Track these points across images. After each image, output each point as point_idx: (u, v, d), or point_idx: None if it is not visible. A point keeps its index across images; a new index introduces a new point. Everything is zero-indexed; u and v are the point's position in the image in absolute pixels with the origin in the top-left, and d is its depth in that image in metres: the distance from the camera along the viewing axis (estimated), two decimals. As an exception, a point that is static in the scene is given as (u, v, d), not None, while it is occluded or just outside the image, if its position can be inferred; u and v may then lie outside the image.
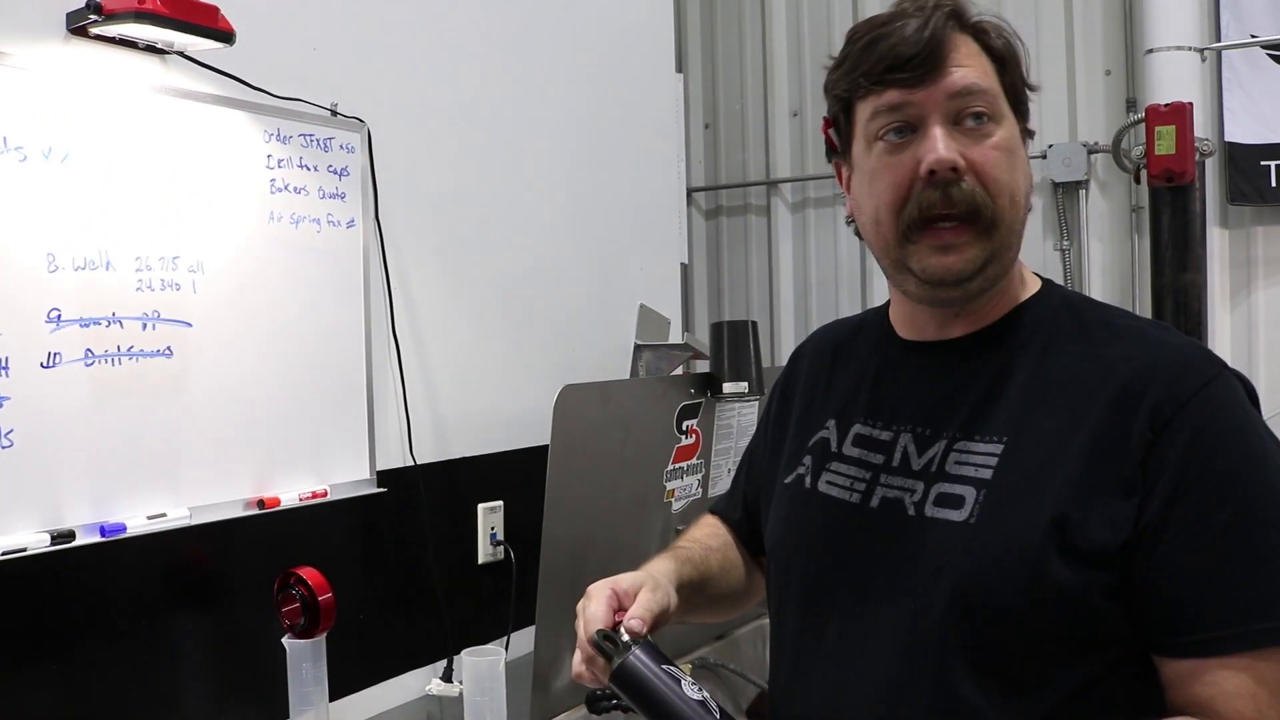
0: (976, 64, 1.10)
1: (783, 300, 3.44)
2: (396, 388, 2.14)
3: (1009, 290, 1.17)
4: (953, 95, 1.08)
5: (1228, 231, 2.87)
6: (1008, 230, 1.11)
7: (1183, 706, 1.03)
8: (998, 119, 1.10)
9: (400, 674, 2.17)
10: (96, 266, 1.65)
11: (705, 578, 1.37)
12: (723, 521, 1.51)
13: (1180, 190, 2.53)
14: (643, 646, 1.11)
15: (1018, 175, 1.11)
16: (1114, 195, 3.02)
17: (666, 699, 1.08)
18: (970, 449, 1.12)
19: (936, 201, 1.09)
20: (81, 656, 1.65)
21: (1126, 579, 1.03)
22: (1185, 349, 1.10)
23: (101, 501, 1.65)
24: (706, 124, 3.60)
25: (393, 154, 2.13)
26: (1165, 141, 2.47)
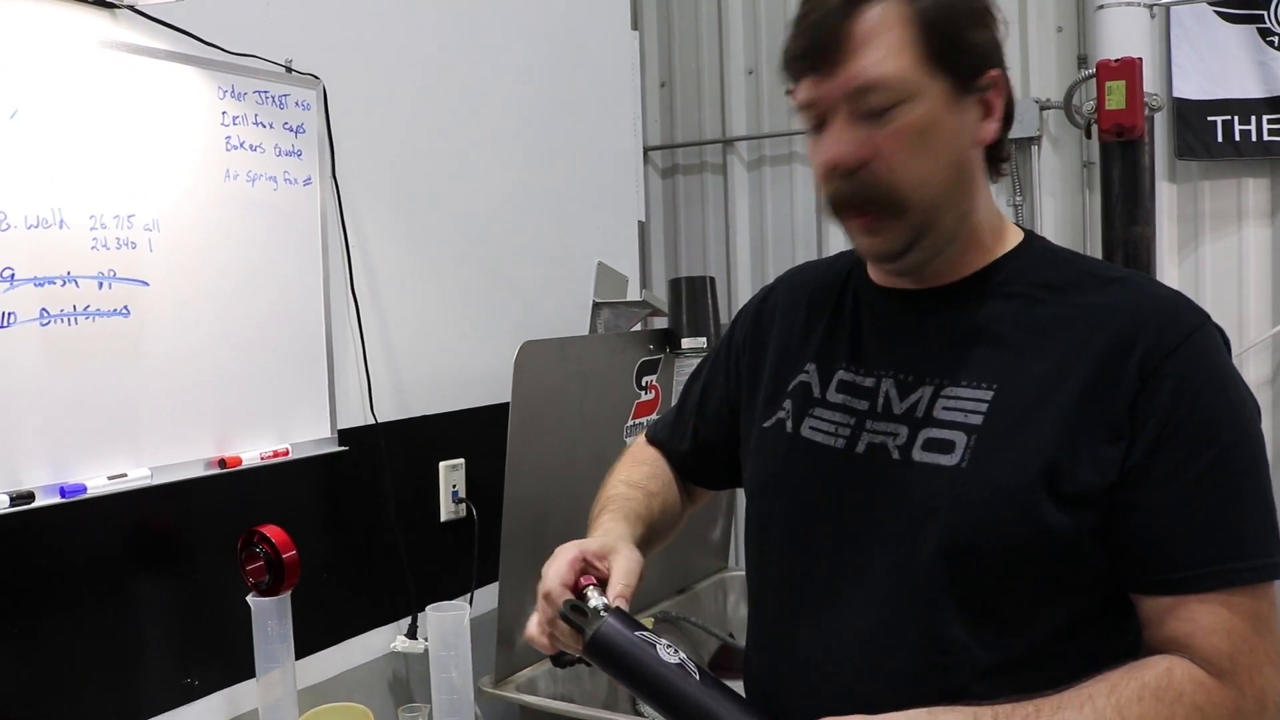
0: (885, 42, 1.07)
1: (739, 257, 3.45)
2: (356, 346, 2.13)
3: (977, 248, 1.18)
4: (849, 94, 1.09)
5: (1176, 186, 2.92)
6: (925, 209, 1.11)
7: (1160, 643, 1.07)
8: (907, 101, 1.08)
9: (365, 632, 2.17)
10: (50, 225, 1.62)
11: (651, 529, 1.38)
12: (663, 453, 1.51)
13: (1130, 145, 2.56)
14: (615, 615, 1.10)
15: (929, 154, 1.10)
16: (1065, 151, 3.05)
17: (645, 666, 1.07)
18: (958, 394, 1.14)
19: (841, 192, 1.12)
20: (43, 619, 1.64)
21: (1110, 519, 1.07)
22: (1172, 299, 1.13)
23: (61, 462, 1.64)
24: (662, 82, 3.59)
25: (349, 111, 2.11)
26: (1115, 96, 2.50)
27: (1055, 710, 1.01)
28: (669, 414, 1.54)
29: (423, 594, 2.21)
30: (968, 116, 1.11)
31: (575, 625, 1.11)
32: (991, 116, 1.13)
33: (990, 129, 1.13)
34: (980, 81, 1.11)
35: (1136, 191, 2.59)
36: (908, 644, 1.12)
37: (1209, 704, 1.02)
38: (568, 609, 1.11)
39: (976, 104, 1.11)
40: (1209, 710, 1.02)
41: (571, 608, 1.11)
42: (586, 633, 1.09)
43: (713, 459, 1.47)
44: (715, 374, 1.46)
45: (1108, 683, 1.02)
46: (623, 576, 1.17)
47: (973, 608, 1.10)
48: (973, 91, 1.11)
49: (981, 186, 1.17)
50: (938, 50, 1.08)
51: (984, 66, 1.11)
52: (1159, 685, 1.02)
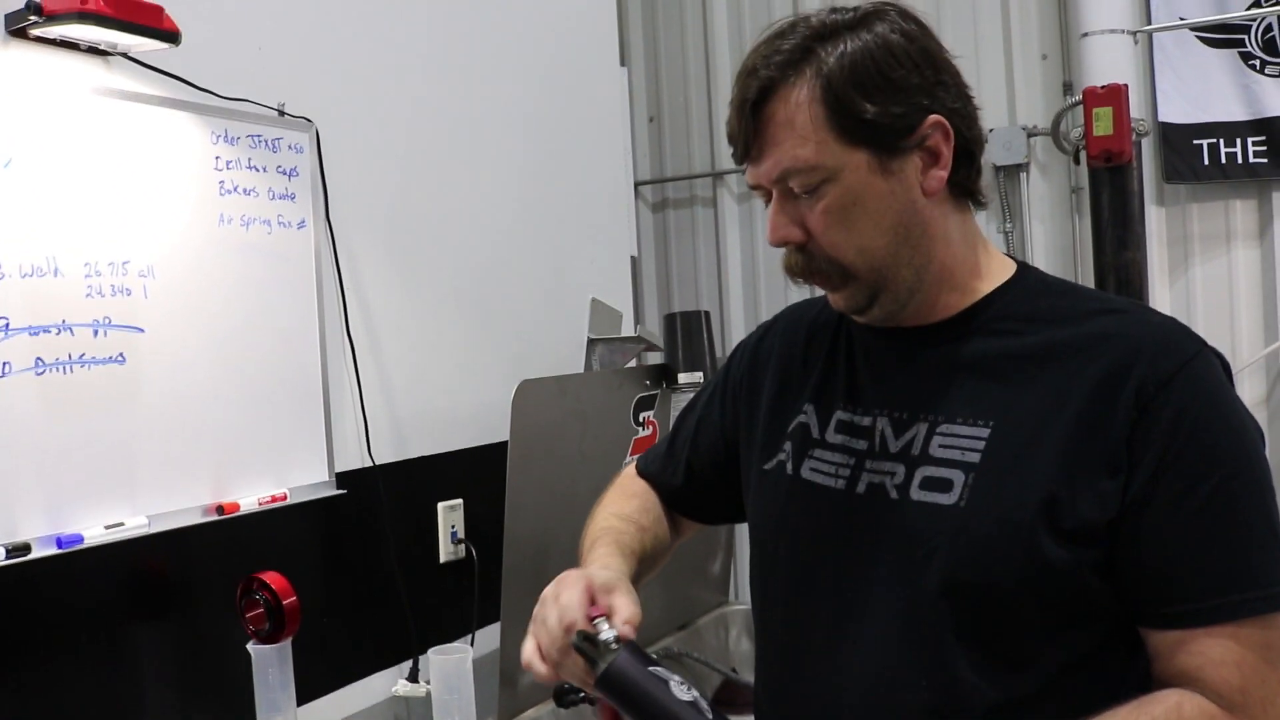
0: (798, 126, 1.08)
1: (731, 291, 3.45)
2: (353, 388, 2.12)
3: (953, 289, 1.17)
4: (774, 180, 1.11)
5: (1164, 209, 2.93)
6: (872, 272, 1.13)
7: (1170, 677, 1.05)
8: (830, 179, 1.09)
9: (366, 676, 2.15)
10: (44, 273, 1.61)
11: (642, 565, 1.36)
12: (653, 486, 1.48)
13: (1119, 170, 2.58)
14: (628, 649, 1.08)
15: (863, 223, 1.10)
16: (1054, 177, 3.07)
17: (658, 703, 1.05)
18: (954, 432, 1.13)
19: (793, 264, 1.16)
20: (43, 671, 1.62)
21: (1113, 553, 1.06)
22: (1166, 327, 1.12)
23: (57, 512, 1.62)
24: (651, 117, 3.61)
25: (341, 154, 2.11)
26: (1103, 123, 2.53)
27: None
28: (659, 446, 1.52)
29: (424, 636, 2.19)
30: (906, 174, 1.10)
31: (588, 657, 1.08)
32: (938, 164, 1.11)
33: (936, 177, 1.11)
34: (911, 139, 1.09)
35: (1126, 216, 2.61)
36: (914, 684, 1.11)
37: None
38: (580, 639, 1.08)
39: (915, 158, 1.10)
40: None
41: (584, 638, 1.08)
42: (599, 665, 1.07)
43: (705, 493, 1.45)
44: (710, 409, 1.44)
45: (1117, 719, 1.01)
46: (629, 608, 1.14)
47: (978, 646, 1.09)
48: (903, 151, 1.10)
49: (940, 232, 1.14)
50: (848, 125, 1.08)
51: (912, 123, 1.09)
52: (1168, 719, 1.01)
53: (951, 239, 1.15)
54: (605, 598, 1.16)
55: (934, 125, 1.10)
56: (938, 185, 1.12)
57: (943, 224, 1.14)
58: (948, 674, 1.09)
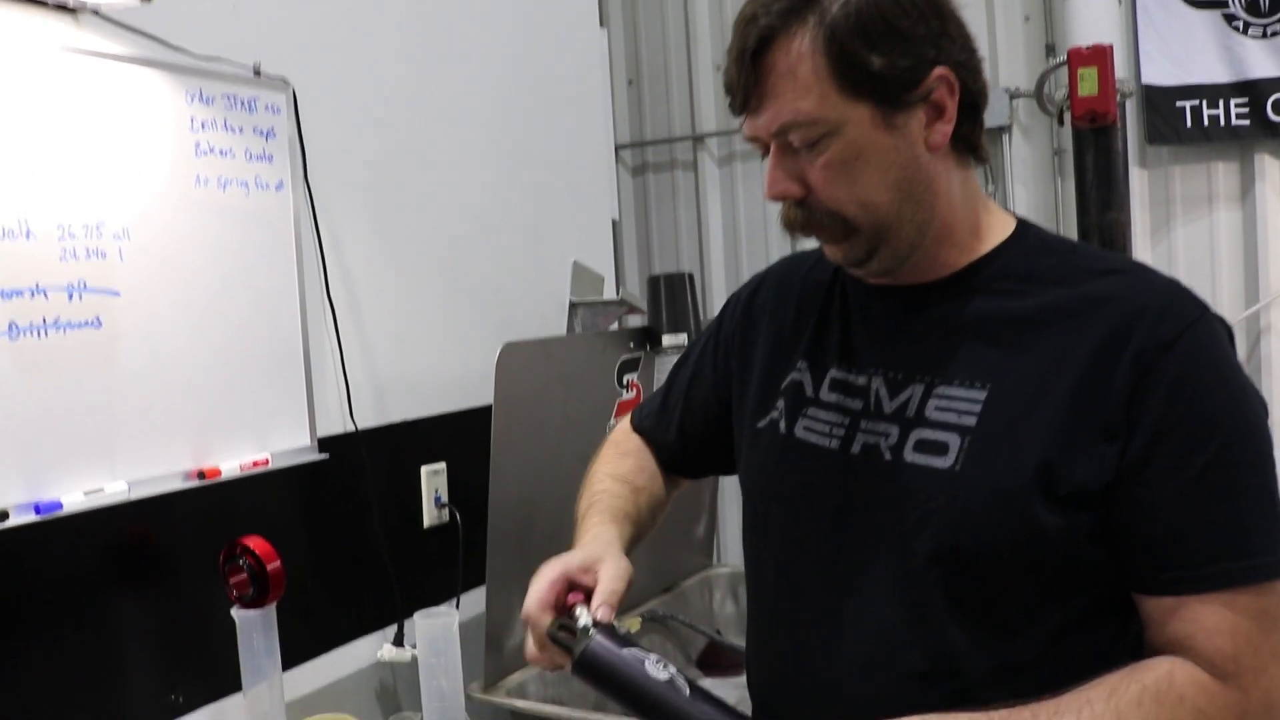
0: (799, 78, 1.05)
1: (712, 254, 3.43)
2: (334, 352, 2.10)
3: (953, 247, 1.15)
4: (774, 133, 1.09)
5: (1147, 171, 2.92)
6: (874, 227, 1.10)
7: (1163, 644, 1.05)
8: (832, 133, 1.06)
9: (350, 641, 2.14)
10: (16, 236, 1.58)
11: (638, 527, 1.36)
12: (648, 442, 1.48)
13: (1103, 131, 2.57)
14: (602, 632, 1.08)
15: (866, 178, 1.08)
16: (1036, 139, 3.05)
17: (635, 683, 1.06)
18: (950, 394, 1.11)
19: (792, 218, 1.13)
20: (22, 639, 1.60)
21: (1107, 519, 1.05)
22: (1169, 290, 1.10)
23: (35, 479, 1.59)
24: (630, 80, 3.56)
25: (319, 114, 2.07)
26: (1088, 83, 2.51)
27: (1053, 715, 0.99)
28: (653, 400, 1.51)
29: (408, 601, 2.18)
30: (909, 128, 1.08)
31: (563, 646, 1.09)
32: (942, 118, 1.09)
33: (941, 131, 1.09)
34: (916, 92, 1.07)
35: (1110, 178, 2.59)
36: (906, 648, 1.11)
37: (1211, 707, 1.00)
38: (554, 629, 1.10)
39: (919, 112, 1.08)
40: (1211, 713, 1.00)
41: (560, 627, 1.10)
42: (575, 652, 1.08)
43: (698, 450, 1.44)
44: (703, 364, 1.43)
45: (1107, 686, 1.00)
46: (607, 586, 1.14)
47: (970, 611, 1.08)
48: (907, 104, 1.07)
49: (943, 188, 1.12)
50: (852, 77, 1.05)
51: (917, 75, 1.06)
52: (1159, 688, 1.00)
53: (953, 195, 1.13)
54: (585, 577, 1.16)
55: (939, 78, 1.07)
56: (942, 140, 1.09)
57: (945, 180, 1.12)
58: (940, 638, 1.09)
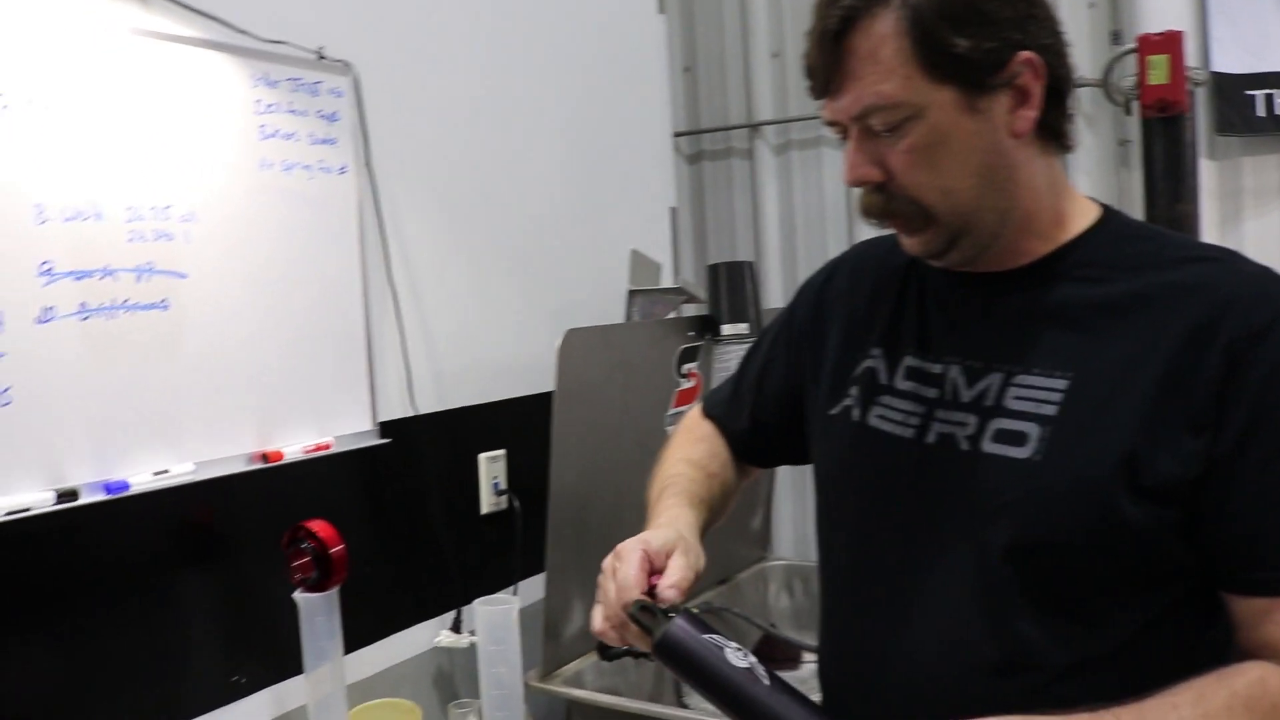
0: (882, 60, 1.03)
1: (769, 242, 3.39)
2: (395, 336, 2.10)
3: (1035, 235, 1.12)
4: (855, 116, 1.06)
5: (1216, 162, 2.86)
6: (954, 216, 1.08)
7: (1255, 648, 1.02)
8: (914, 117, 1.04)
9: (409, 626, 2.14)
10: (87, 217, 1.59)
11: (712, 513, 1.35)
12: (719, 429, 1.46)
13: (1173, 121, 2.51)
14: (684, 616, 1.07)
15: (948, 164, 1.06)
16: (1100, 129, 2.99)
17: (714, 669, 1.05)
18: (1031, 383, 1.08)
19: (871, 205, 1.11)
20: (89, 616, 1.61)
21: (1195, 515, 1.02)
22: (1260, 277, 1.06)
23: (104, 459, 1.61)
24: (686, 67, 3.53)
25: (382, 98, 2.07)
26: (1158, 71, 2.46)
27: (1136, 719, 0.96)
28: (724, 388, 1.49)
29: (466, 587, 2.18)
30: (993, 114, 1.05)
31: (644, 627, 1.08)
32: (1027, 104, 1.05)
33: (1026, 117, 1.06)
34: (1001, 76, 1.04)
35: (1179, 168, 2.54)
36: (979, 642, 1.08)
37: None
38: (637, 610, 1.08)
39: (1005, 96, 1.05)
40: None
41: (641, 608, 1.08)
42: (655, 634, 1.07)
43: (770, 438, 1.43)
44: (775, 351, 1.41)
45: (1194, 690, 0.97)
46: (676, 574, 1.13)
47: (1047, 605, 1.06)
48: (992, 89, 1.04)
49: (1026, 176, 1.09)
50: (937, 60, 1.02)
51: (1003, 59, 1.03)
52: (1251, 695, 0.97)
53: (1036, 183, 1.10)
54: (662, 560, 1.14)
55: (1025, 62, 1.04)
56: (1027, 126, 1.06)
57: (1029, 167, 1.09)
58: (1015, 633, 1.07)
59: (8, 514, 1.47)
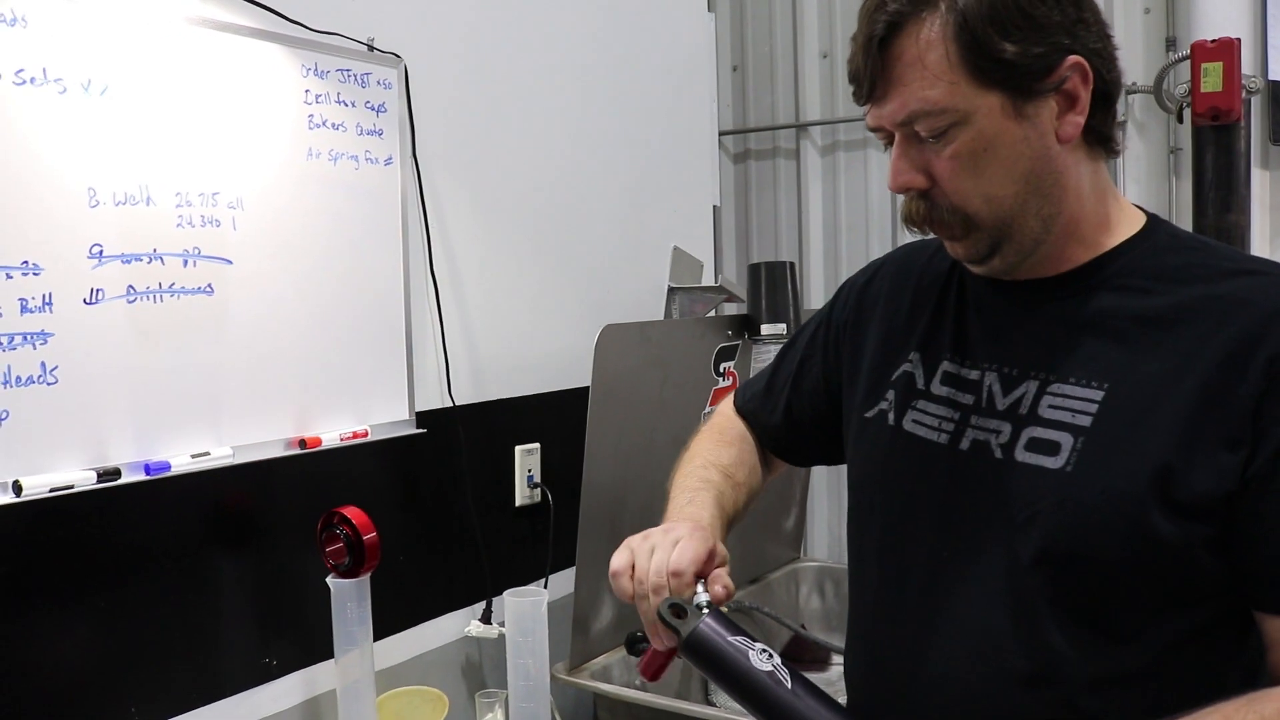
0: (928, 66, 1.02)
1: (812, 244, 3.39)
2: (435, 328, 2.12)
3: (1078, 242, 1.11)
4: (899, 122, 1.06)
5: (1269, 173, 2.81)
6: (998, 222, 1.07)
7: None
8: (960, 123, 1.03)
9: (439, 615, 2.16)
10: (137, 201, 1.62)
11: (732, 523, 1.35)
12: (751, 425, 1.46)
13: (1225, 129, 2.47)
14: (713, 615, 1.08)
15: (993, 170, 1.04)
16: (1152, 137, 2.96)
17: (736, 670, 1.06)
18: (1066, 393, 1.08)
19: (914, 212, 1.10)
20: (127, 593, 1.64)
21: (1229, 531, 1.00)
22: None
23: (146, 439, 1.63)
24: (734, 66, 3.53)
25: (429, 92, 2.09)
26: (1211, 78, 2.42)
27: None
28: (758, 382, 1.48)
29: (497, 578, 2.19)
30: (1040, 119, 1.04)
31: (671, 626, 1.09)
32: (1075, 109, 1.04)
33: (1074, 123, 1.05)
34: (1048, 81, 1.03)
35: (1231, 178, 2.50)
36: (1007, 651, 1.08)
37: None
38: (665, 609, 1.09)
39: (1051, 101, 1.04)
40: None
41: (670, 605, 1.09)
42: (682, 633, 1.08)
43: (803, 436, 1.42)
44: (813, 349, 1.40)
45: (1221, 715, 0.96)
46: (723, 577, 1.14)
47: (1076, 617, 1.05)
48: (1039, 94, 1.03)
49: (1072, 182, 1.08)
50: (984, 65, 1.01)
51: (1051, 63, 1.02)
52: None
53: (1082, 189, 1.09)
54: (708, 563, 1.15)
55: (1073, 67, 1.03)
56: (1074, 131, 1.05)
57: (1075, 173, 1.08)
58: (1044, 643, 1.06)
59: (51, 490, 1.50)
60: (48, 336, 1.51)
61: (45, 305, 1.51)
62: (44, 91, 1.50)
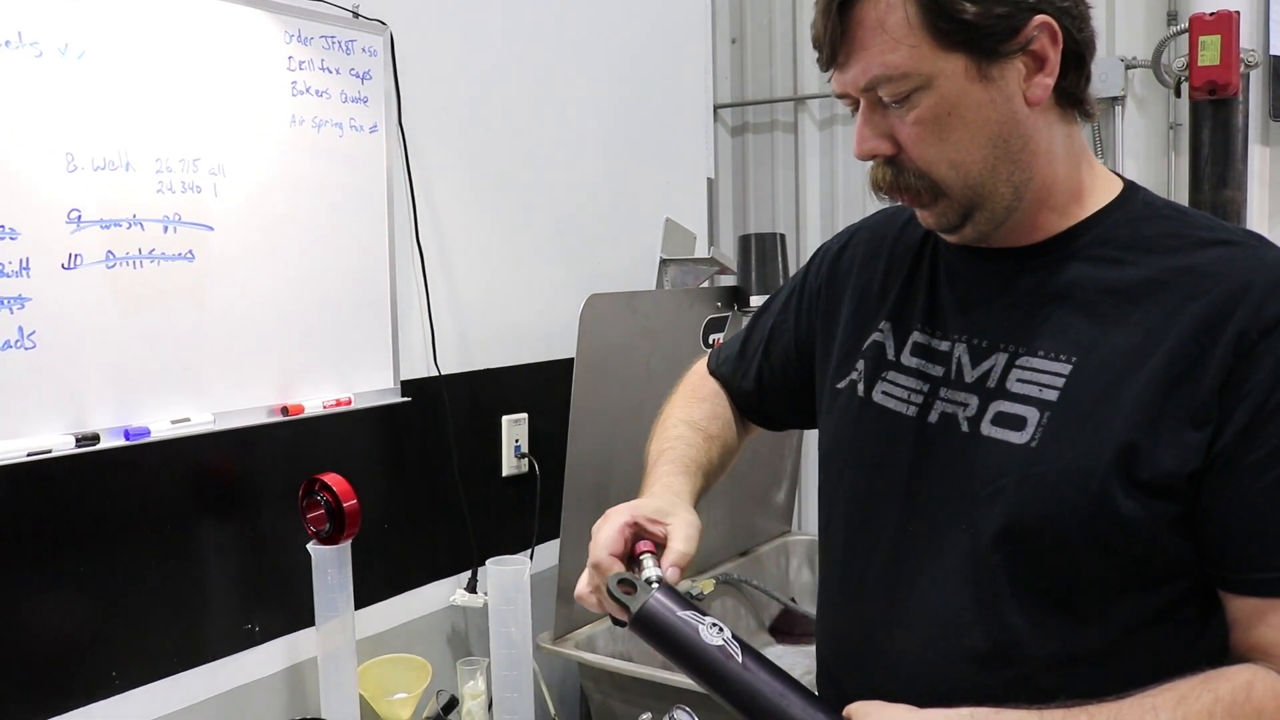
0: (889, 29, 0.99)
1: (808, 218, 3.38)
2: (420, 296, 2.11)
3: (1051, 209, 1.08)
4: (862, 88, 1.04)
5: (1269, 149, 2.79)
6: (966, 188, 1.05)
7: (1247, 649, 0.99)
8: (923, 87, 1.01)
9: (424, 584, 2.17)
10: (116, 167, 1.61)
11: (708, 478, 1.33)
12: (724, 388, 1.44)
13: (1223, 103, 2.45)
14: (663, 591, 1.07)
15: (958, 135, 1.02)
16: (1151, 112, 2.93)
17: (686, 645, 1.05)
18: (1034, 366, 1.06)
19: (881, 178, 1.08)
20: (107, 559, 1.65)
21: (1193, 511, 0.99)
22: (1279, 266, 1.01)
23: (125, 405, 1.63)
24: (733, 39, 3.51)
25: (415, 59, 2.08)
26: (1209, 52, 2.40)
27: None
28: (732, 345, 1.47)
29: (483, 548, 2.20)
30: (1006, 81, 1.01)
31: (620, 603, 1.08)
32: (1043, 71, 1.02)
33: (1042, 85, 1.02)
34: (1014, 42, 1.00)
35: (1227, 153, 2.48)
36: (968, 628, 1.07)
37: None
38: (614, 584, 1.08)
39: (1018, 63, 1.01)
40: None
41: (619, 582, 1.08)
42: (631, 609, 1.07)
43: (774, 401, 1.41)
44: (785, 315, 1.39)
45: (1176, 692, 0.95)
46: (679, 547, 1.11)
47: (1037, 595, 1.04)
48: (1004, 56, 1.00)
49: (1043, 146, 1.05)
50: (945, 27, 0.99)
51: (1016, 24, 1.00)
52: (1235, 699, 0.94)
53: (1054, 154, 1.07)
54: (654, 527, 1.13)
55: (1040, 27, 1.00)
56: (1042, 94, 1.02)
57: (1046, 137, 1.05)
58: (1003, 621, 1.05)
59: (29, 455, 1.51)
60: (25, 301, 1.51)
61: (23, 270, 1.51)
62: (20, 55, 1.49)
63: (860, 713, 0.99)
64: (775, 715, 1.02)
